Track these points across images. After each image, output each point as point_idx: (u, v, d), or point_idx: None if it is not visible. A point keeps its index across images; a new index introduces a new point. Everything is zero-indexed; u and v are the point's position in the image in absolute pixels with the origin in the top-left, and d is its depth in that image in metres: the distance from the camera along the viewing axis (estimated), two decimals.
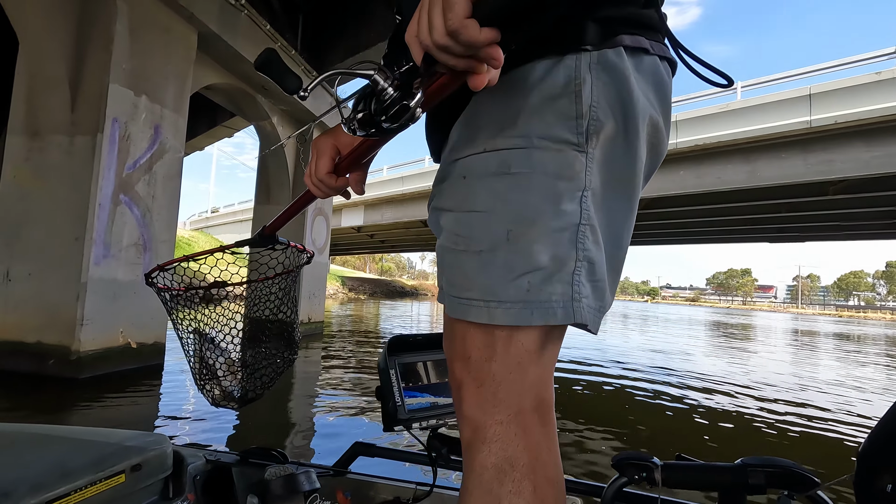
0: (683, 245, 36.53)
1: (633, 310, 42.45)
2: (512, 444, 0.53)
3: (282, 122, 7.62)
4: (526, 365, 0.55)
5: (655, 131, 0.61)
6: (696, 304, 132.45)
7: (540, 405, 0.56)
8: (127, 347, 4.52)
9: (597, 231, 0.56)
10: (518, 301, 0.53)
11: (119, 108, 4.31)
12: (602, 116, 0.54)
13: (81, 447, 0.93)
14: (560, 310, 0.53)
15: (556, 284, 0.53)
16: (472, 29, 0.40)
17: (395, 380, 0.92)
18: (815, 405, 4.88)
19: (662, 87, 0.61)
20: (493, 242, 0.55)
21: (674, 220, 16.94)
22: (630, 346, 9.79)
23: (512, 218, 0.54)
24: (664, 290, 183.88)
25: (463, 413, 0.56)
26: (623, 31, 0.57)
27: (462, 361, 0.57)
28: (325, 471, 1.12)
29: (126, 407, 3.69)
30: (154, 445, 1.01)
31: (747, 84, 12.53)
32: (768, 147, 10.93)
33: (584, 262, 0.54)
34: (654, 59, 0.60)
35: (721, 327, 20.88)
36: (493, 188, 0.56)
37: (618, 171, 0.57)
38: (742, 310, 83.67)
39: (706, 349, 10.72)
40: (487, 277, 0.55)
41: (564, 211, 0.54)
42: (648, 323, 20.93)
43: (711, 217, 15.93)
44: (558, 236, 0.54)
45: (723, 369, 7.16)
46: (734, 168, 11.58)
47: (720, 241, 23.56)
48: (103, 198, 4.20)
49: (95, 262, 4.16)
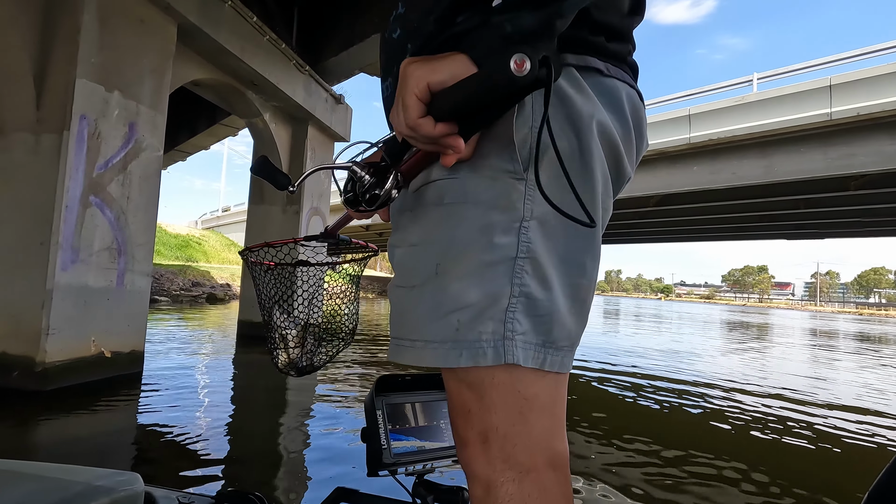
0: (698, 242, 35.97)
1: (645, 308, 41.83)
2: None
3: (274, 118, 7.36)
4: (527, 414, 0.52)
5: (614, 151, 0.59)
6: (711, 301, 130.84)
7: (555, 460, 0.53)
8: (100, 357, 4.28)
9: (541, 263, 0.53)
10: (446, 341, 0.52)
11: (87, 104, 4.07)
12: (547, 138, 0.52)
13: (45, 485, 0.87)
14: (490, 350, 0.51)
15: (486, 322, 0.52)
16: (426, 126, 0.47)
17: (382, 421, 0.88)
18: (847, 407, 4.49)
19: (621, 108, 0.60)
20: (424, 278, 0.55)
21: (687, 216, 16.47)
22: (638, 347, 9.40)
23: (441, 251, 0.54)
24: (678, 288, 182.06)
25: (472, 472, 0.54)
26: (567, 50, 0.56)
27: (463, 417, 0.55)
28: None
29: (93, 422, 3.45)
30: (125, 486, 0.93)
31: (764, 76, 12.13)
32: (786, 141, 10.62)
33: (522, 298, 0.52)
34: (613, 81, 0.59)
35: (738, 327, 20.28)
36: (427, 221, 0.56)
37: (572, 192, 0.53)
38: (758, 307, 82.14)
39: (726, 352, 10.27)
40: (417, 315, 0.54)
41: (497, 244, 0.52)
42: (659, 323, 20.39)
43: (726, 213, 15.46)
44: (490, 271, 0.52)
45: (742, 374, 6.76)
46: (750, 163, 11.30)
47: (736, 237, 22.96)
48: (70, 199, 3.96)
49: (62, 267, 3.93)
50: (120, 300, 4.45)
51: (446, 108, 0.46)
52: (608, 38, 0.59)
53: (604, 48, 0.58)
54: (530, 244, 0.52)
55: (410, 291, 0.55)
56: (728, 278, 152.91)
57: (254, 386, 5.18)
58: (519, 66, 0.41)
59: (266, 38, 6.12)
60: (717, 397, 5.14)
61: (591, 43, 0.57)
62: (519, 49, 0.42)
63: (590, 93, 0.55)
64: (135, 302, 4.62)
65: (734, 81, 12.63)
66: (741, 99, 11.18)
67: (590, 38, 0.57)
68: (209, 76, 5.93)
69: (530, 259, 0.52)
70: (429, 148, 0.50)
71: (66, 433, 3.24)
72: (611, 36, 0.59)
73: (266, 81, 6.37)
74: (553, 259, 0.53)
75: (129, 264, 4.53)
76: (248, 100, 6.78)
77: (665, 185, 12.70)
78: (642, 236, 23.31)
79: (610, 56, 0.59)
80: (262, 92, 6.79)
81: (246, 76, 6.30)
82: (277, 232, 7.77)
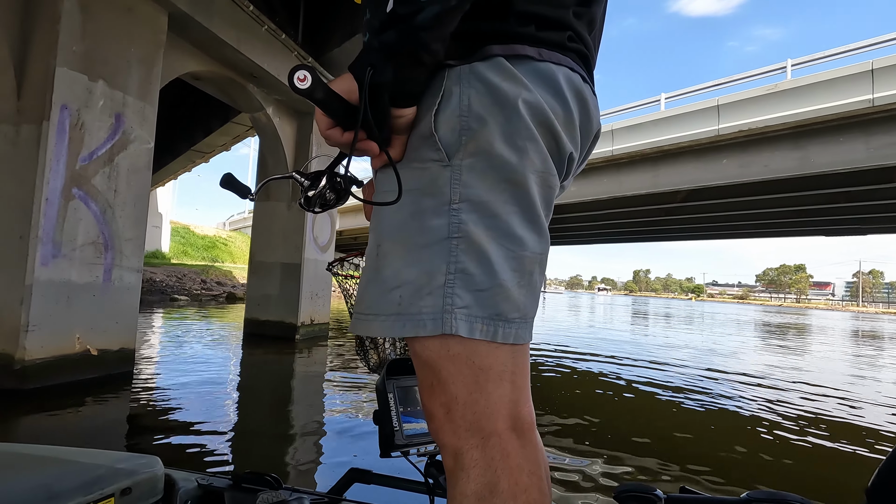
0: (729, 240, 34.76)
1: (675, 308, 40.56)
2: (490, 468, 0.53)
3: (278, 112, 7.20)
4: (484, 383, 0.55)
5: (550, 129, 0.61)
6: (745, 301, 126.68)
7: (517, 424, 0.56)
8: (86, 355, 4.16)
9: (475, 241, 0.56)
10: (392, 314, 0.57)
11: (68, 93, 3.94)
12: (475, 124, 0.57)
13: (70, 469, 0.90)
14: (430, 322, 0.55)
15: (425, 297, 0.56)
16: (334, 135, 0.56)
17: (394, 404, 0.90)
18: None
19: (558, 89, 0.62)
20: (371, 259, 0.61)
21: (717, 212, 15.73)
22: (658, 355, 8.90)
23: (382, 235, 0.60)
24: (710, 288, 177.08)
25: (441, 442, 0.57)
26: (492, 42, 0.59)
27: (428, 391, 0.58)
28: (320, 497, 1.10)
29: (76, 422, 3.33)
30: (145, 468, 0.97)
31: (798, 62, 11.47)
32: (823, 130, 10.02)
33: (459, 275, 0.55)
34: (548, 65, 0.61)
35: (775, 330, 19.29)
36: (375, 210, 0.63)
37: (505, 172, 0.57)
38: (796, 308, 78.83)
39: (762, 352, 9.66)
40: (369, 292, 0.60)
41: (429, 226, 0.56)
42: (686, 324, 19.58)
43: (759, 209, 14.69)
44: (424, 251, 0.56)
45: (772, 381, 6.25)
46: (783, 155, 10.71)
47: (770, 234, 21.86)
48: (51, 192, 3.84)
49: (43, 262, 3.80)
50: (107, 296, 4.32)
51: (334, 117, 0.55)
52: (539, 27, 0.62)
53: (534, 36, 0.61)
54: (462, 224, 0.56)
55: (366, 272, 0.61)
56: (763, 278, 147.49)
57: (262, 377, 5.19)
58: (301, 80, 0.49)
59: (264, 27, 5.95)
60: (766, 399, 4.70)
61: (520, 33, 0.61)
62: (370, 62, 0.51)
63: (518, 77, 0.58)
64: (124, 298, 4.48)
65: (766, 69, 11.96)
66: (774, 87, 10.58)
67: (518, 28, 0.60)
68: (207, 68, 5.79)
69: (464, 238, 0.55)
70: (353, 153, 0.57)
71: (46, 433, 3.10)
72: (542, 25, 0.62)
73: (266, 73, 6.20)
74: (491, 236, 0.56)
75: (116, 259, 4.40)
76: (249, 93, 6.63)
77: (692, 180, 12.13)
78: (670, 234, 22.43)
79: (543, 43, 0.62)
80: (264, 85, 6.64)
81: (245, 68, 6.14)
82: (282, 227, 7.62)
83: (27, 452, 0.97)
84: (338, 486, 1.13)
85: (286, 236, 7.59)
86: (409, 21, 0.51)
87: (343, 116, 0.54)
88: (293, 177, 0.65)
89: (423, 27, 0.51)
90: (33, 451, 0.99)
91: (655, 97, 13.33)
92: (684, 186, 12.23)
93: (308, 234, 7.62)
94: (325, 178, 0.63)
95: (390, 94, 0.53)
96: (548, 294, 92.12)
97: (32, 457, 0.95)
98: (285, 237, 7.60)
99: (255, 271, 7.85)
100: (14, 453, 0.97)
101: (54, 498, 0.80)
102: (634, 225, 19.42)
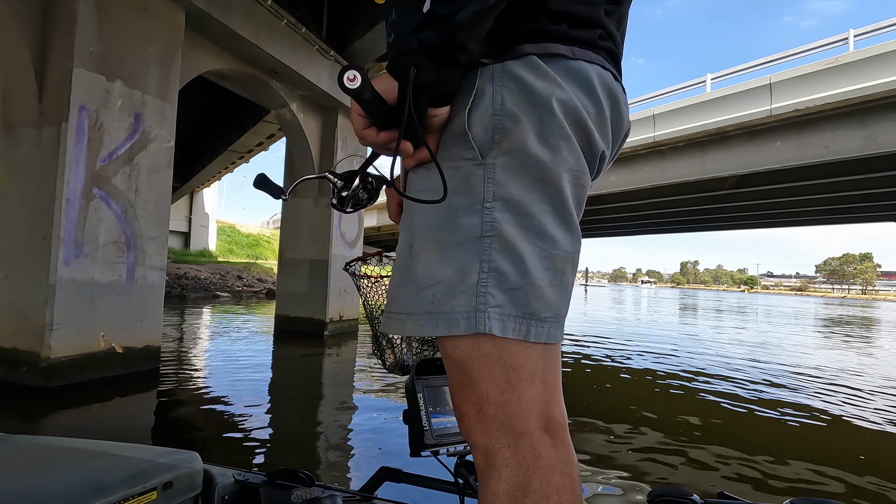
0: (785, 228, 32.74)
1: (727, 301, 38.62)
2: (522, 468, 0.53)
3: (302, 108, 7.17)
4: (515, 382, 0.55)
5: (582, 127, 0.61)
6: (804, 293, 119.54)
7: (549, 424, 0.56)
8: (111, 352, 4.22)
9: (509, 240, 0.56)
10: (424, 313, 0.57)
11: (86, 94, 3.97)
12: (508, 122, 0.57)
13: (115, 463, 0.93)
14: (463, 321, 0.55)
15: (458, 296, 0.55)
16: (370, 135, 0.57)
17: (423, 403, 0.90)
18: None
19: (591, 87, 0.61)
20: (403, 258, 0.61)
21: (770, 199, 14.72)
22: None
23: (414, 234, 0.60)
24: (764, 279, 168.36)
25: (472, 441, 0.57)
26: (525, 40, 0.59)
27: (459, 391, 0.58)
28: (351, 495, 1.11)
29: (104, 418, 3.41)
30: (185, 463, 0.99)
31: (861, 32, 10.53)
32: (892, 106, 9.06)
33: (492, 273, 0.55)
34: (580, 64, 0.61)
35: (837, 323, 17.94)
36: (406, 209, 0.63)
37: (539, 171, 0.57)
38: (861, 300, 73.48)
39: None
40: (401, 292, 0.60)
41: (462, 225, 0.56)
42: (729, 318, 18.50)
43: (818, 194, 13.61)
44: (457, 250, 0.56)
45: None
46: (846, 134, 9.87)
47: (831, 221, 20.31)
48: (71, 192, 3.89)
49: (65, 262, 3.86)
50: (130, 295, 4.37)
51: (376, 120, 0.56)
52: (571, 25, 0.61)
53: (566, 34, 0.61)
54: (495, 223, 0.56)
55: (396, 271, 0.62)
56: (823, 268, 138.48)
57: (291, 375, 5.20)
58: (350, 80, 0.50)
59: (284, 22, 5.88)
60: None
61: (553, 31, 0.60)
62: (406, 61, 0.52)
63: (552, 75, 0.58)
64: (147, 296, 4.53)
65: (824, 41, 11.03)
66: (834, 61, 9.70)
67: (550, 27, 0.60)
68: (227, 66, 5.79)
69: (497, 237, 0.56)
70: (385, 153, 0.61)
71: (73, 430, 3.14)
72: (574, 23, 0.62)
73: (286, 68, 6.15)
74: (524, 235, 0.56)
75: (139, 258, 4.44)
76: (272, 90, 6.62)
77: (743, 165, 11.34)
78: (718, 223, 21.21)
79: (575, 41, 0.61)
80: (286, 80, 6.60)
81: (265, 64, 6.11)
82: (310, 223, 7.61)
83: (73, 446, 1.00)
84: (369, 485, 1.14)
85: (313, 233, 7.58)
86: (448, 21, 0.51)
87: (382, 117, 0.55)
88: (326, 177, 0.66)
89: (461, 27, 0.51)
90: (78, 444, 1.02)
91: (700, 78, 12.55)
92: (734, 172, 11.45)
93: (335, 230, 7.58)
94: (357, 178, 0.65)
95: (429, 94, 0.54)
96: (590, 287, 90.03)
97: (78, 450, 0.98)
98: (313, 234, 7.58)
99: (284, 268, 7.90)
100: (61, 447, 1.00)
101: (101, 490, 0.83)
102: (679, 214, 18.48)
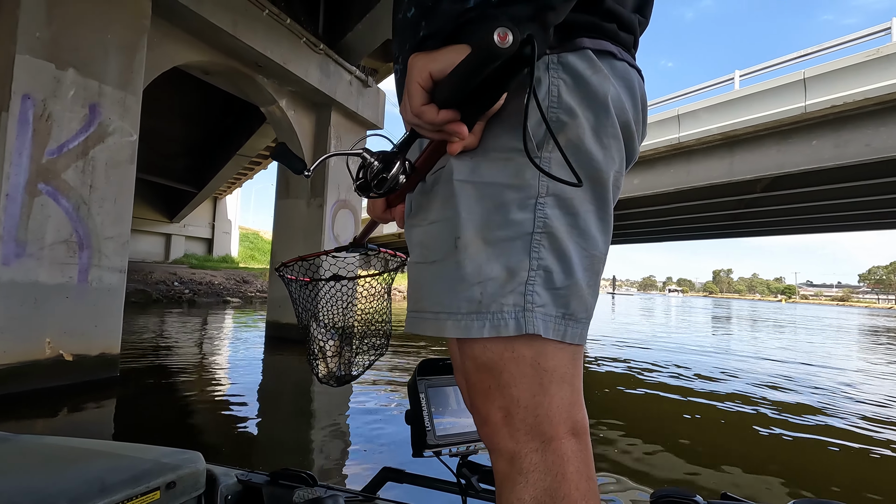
0: (825, 234, 31.06)
1: (762, 311, 36.76)
2: (550, 473, 0.51)
3: (292, 105, 6.84)
4: (548, 385, 0.54)
5: (626, 129, 0.60)
6: (846, 304, 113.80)
7: (575, 428, 0.54)
8: (59, 360, 3.91)
9: (558, 238, 0.54)
10: (470, 312, 0.53)
11: (32, 82, 3.70)
12: (565, 116, 0.54)
13: (119, 462, 0.93)
14: (512, 321, 0.53)
15: (507, 295, 0.53)
16: (430, 113, 0.50)
17: (426, 404, 0.90)
18: None
19: (633, 90, 0.61)
20: (443, 253, 0.56)
21: (806, 203, 13.75)
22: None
23: (459, 227, 0.55)
24: (803, 289, 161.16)
25: (495, 446, 0.55)
26: (583, 34, 0.57)
27: (483, 395, 0.55)
28: (354, 495, 1.10)
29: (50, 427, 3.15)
30: (189, 463, 0.99)
31: None
32: None
33: (540, 272, 0.53)
34: (625, 65, 0.60)
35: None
36: (446, 199, 0.57)
37: (591, 169, 0.55)
38: None
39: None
40: (439, 288, 0.56)
41: (514, 220, 0.54)
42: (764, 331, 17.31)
43: (859, 197, 12.62)
44: (508, 245, 0.53)
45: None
46: (889, 131, 9.10)
47: (874, 227, 18.96)
48: (12, 188, 3.60)
49: (4, 261, 3.57)
50: (82, 298, 4.05)
51: (446, 92, 0.49)
52: (619, 27, 0.60)
53: (615, 35, 0.60)
54: (547, 220, 0.54)
55: (430, 266, 0.57)
56: (868, 277, 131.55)
57: (288, 380, 5.05)
58: (502, 38, 0.43)
59: (265, 12, 5.57)
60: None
61: (605, 28, 0.59)
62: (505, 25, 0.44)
63: (606, 73, 0.57)
64: (103, 300, 4.21)
65: (863, 32, 10.17)
66: (875, 52, 8.89)
67: (603, 24, 0.58)
68: (206, 58, 5.50)
69: (547, 234, 0.54)
70: (434, 136, 0.53)
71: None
72: (621, 25, 0.61)
73: (270, 62, 5.83)
74: (570, 233, 0.55)
75: (94, 259, 4.13)
76: (259, 85, 6.30)
77: (775, 166, 10.52)
78: (750, 228, 20.04)
79: (621, 42, 0.61)
80: (272, 75, 6.28)
81: (248, 56, 5.80)
82: (302, 225, 7.27)
83: (78, 446, 1.00)
84: (371, 485, 1.14)
85: (306, 235, 7.23)
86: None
87: (453, 94, 0.49)
88: (362, 154, 0.59)
89: (552, 6, 0.49)
90: (83, 444, 1.01)
91: (728, 75, 11.78)
92: (766, 173, 10.63)
93: (328, 232, 7.21)
94: (399, 160, 0.57)
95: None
96: (617, 295, 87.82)
97: (83, 450, 0.98)
98: (305, 236, 7.24)
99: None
100: (66, 447, 1.00)
101: (106, 490, 0.83)
102: (708, 220, 17.52)
